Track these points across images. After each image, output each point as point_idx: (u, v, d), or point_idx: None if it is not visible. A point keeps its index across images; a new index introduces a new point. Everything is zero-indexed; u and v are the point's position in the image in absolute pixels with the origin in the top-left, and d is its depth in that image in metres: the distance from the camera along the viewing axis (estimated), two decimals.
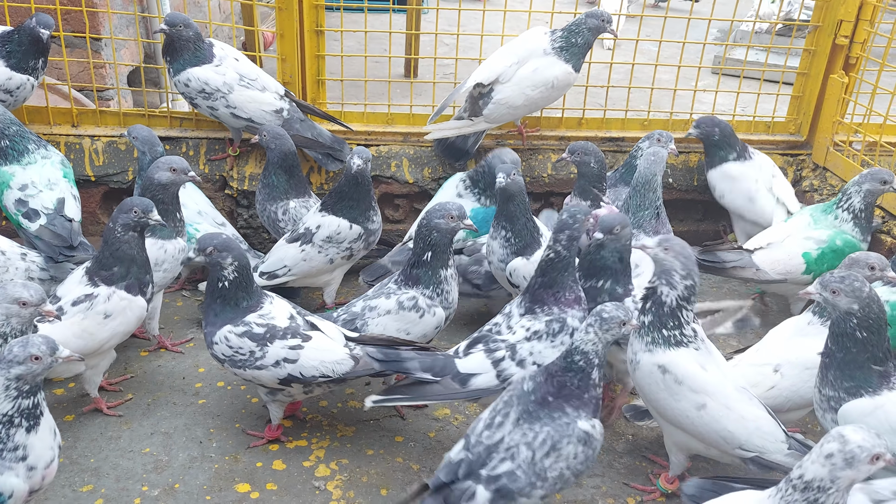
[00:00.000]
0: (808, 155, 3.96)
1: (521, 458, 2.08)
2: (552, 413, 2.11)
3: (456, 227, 2.65)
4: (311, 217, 3.19)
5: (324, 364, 2.42)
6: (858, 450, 1.64)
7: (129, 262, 2.56)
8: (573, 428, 2.10)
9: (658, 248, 2.31)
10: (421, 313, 2.68)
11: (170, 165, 2.79)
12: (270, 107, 3.47)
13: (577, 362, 2.11)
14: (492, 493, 2.06)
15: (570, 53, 3.47)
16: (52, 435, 2.02)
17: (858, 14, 3.61)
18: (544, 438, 2.08)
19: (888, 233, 3.42)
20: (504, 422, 2.13)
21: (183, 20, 3.30)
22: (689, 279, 2.27)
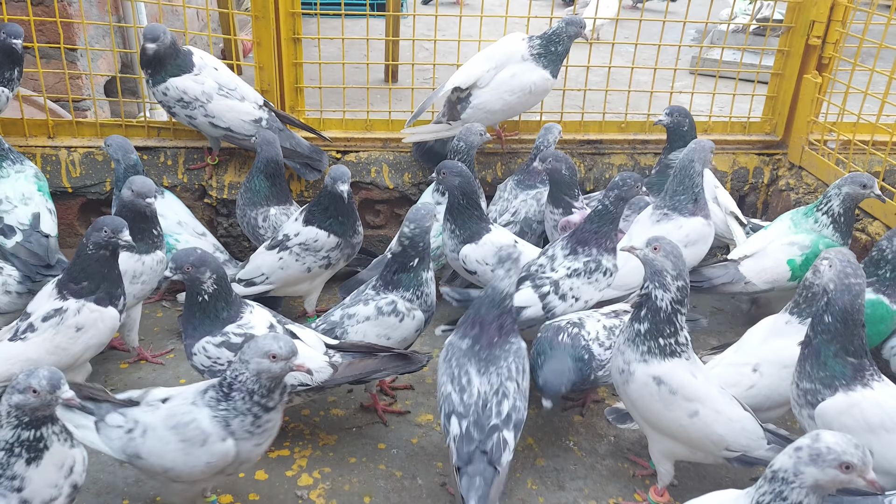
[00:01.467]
0: (783, 154, 4.00)
1: (511, 392, 2.28)
2: (503, 346, 2.35)
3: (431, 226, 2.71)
4: (290, 225, 3.18)
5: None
6: (826, 450, 1.63)
7: (100, 279, 2.55)
8: (521, 347, 2.39)
9: (647, 249, 2.28)
10: (400, 317, 2.68)
11: (130, 185, 2.78)
12: (249, 116, 3.46)
13: (507, 304, 2.36)
14: (513, 430, 2.25)
15: (548, 60, 3.50)
16: (59, 472, 1.92)
17: (830, 15, 3.65)
18: (516, 366, 2.33)
19: (863, 230, 3.46)
20: (470, 380, 2.30)
21: (162, 31, 3.27)
22: (680, 279, 2.24)
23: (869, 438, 2.19)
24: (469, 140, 3.42)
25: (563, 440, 2.81)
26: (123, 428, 2.13)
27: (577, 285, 2.88)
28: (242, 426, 2.06)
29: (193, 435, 2.06)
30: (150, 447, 2.10)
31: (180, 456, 2.08)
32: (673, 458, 2.42)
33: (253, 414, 2.05)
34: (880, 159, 3.49)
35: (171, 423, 2.08)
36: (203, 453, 2.06)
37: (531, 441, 2.80)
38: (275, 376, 2.03)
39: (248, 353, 2.02)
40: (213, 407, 2.06)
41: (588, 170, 3.94)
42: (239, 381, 2.03)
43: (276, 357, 2.00)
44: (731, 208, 3.56)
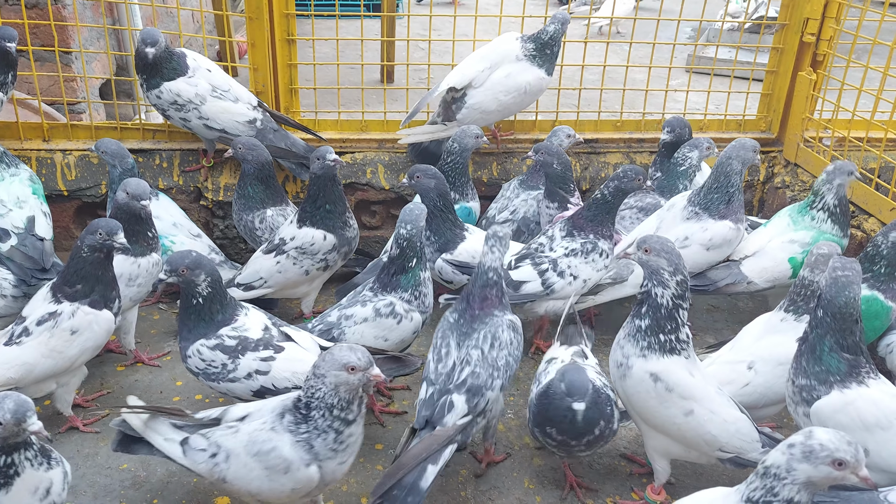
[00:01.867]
0: (779, 152, 4.00)
1: (474, 359, 2.41)
2: (483, 318, 2.48)
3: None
4: (286, 228, 3.18)
5: (295, 375, 2.42)
6: (819, 447, 1.63)
7: (94, 282, 2.55)
8: (503, 320, 2.49)
9: (639, 252, 2.30)
10: (398, 319, 2.68)
11: (125, 188, 2.78)
12: (243, 117, 3.46)
13: (491, 278, 2.49)
14: (465, 395, 2.35)
15: (544, 59, 3.50)
16: (33, 497, 1.90)
17: (824, 12, 3.66)
18: (485, 334, 2.45)
19: (858, 227, 3.46)
20: (449, 351, 2.46)
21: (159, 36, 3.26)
22: (678, 274, 2.24)
23: (864, 437, 2.19)
24: (464, 142, 3.42)
25: None
26: (207, 452, 2.12)
27: (574, 264, 3.01)
28: (325, 445, 2.01)
29: (276, 463, 2.02)
30: (234, 473, 2.08)
31: (265, 482, 2.06)
32: (668, 456, 2.42)
33: (335, 430, 2.01)
34: (875, 156, 3.50)
35: (253, 450, 2.05)
36: (287, 480, 2.04)
37: (528, 440, 2.80)
38: (353, 388, 1.97)
39: (323, 367, 1.96)
40: (294, 431, 2.02)
41: (584, 169, 3.94)
42: (316, 397, 1.98)
43: (353, 369, 1.95)
44: None
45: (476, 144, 3.46)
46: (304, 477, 2.03)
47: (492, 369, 2.40)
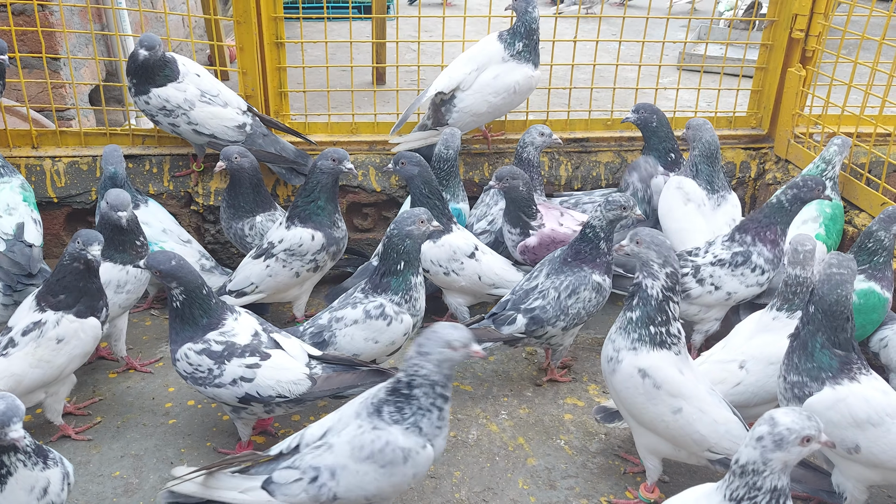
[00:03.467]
0: (770, 148, 4.00)
1: (549, 297, 2.85)
2: (573, 269, 2.87)
3: (426, 231, 2.66)
4: (274, 232, 3.17)
5: (280, 384, 2.40)
6: (787, 432, 1.67)
7: (77, 293, 2.53)
8: (590, 278, 2.86)
9: (631, 244, 2.33)
10: (388, 321, 2.67)
11: (105, 198, 2.76)
12: (233, 122, 3.45)
13: (588, 234, 2.85)
14: (527, 319, 2.85)
15: (528, 53, 3.49)
16: (30, 495, 1.91)
17: (813, 8, 3.65)
18: (567, 284, 2.85)
19: (849, 222, 3.46)
20: (538, 275, 2.93)
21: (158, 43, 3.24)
22: (668, 266, 2.26)
23: (856, 433, 2.19)
24: (456, 144, 3.42)
25: (553, 439, 2.81)
26: (304, 480, 2.06)
27: (719, 274, 2.99)
28: (431, 424, 2.05)
29: (394, 456, 2.03)
30: (346, 485, 2.05)
31: (385, 480, 2.06)
32: (658, 454, 2.42)
33: (437, 407, 2.05)
34: (865, 151, 3.50)
35: (363, 454, 2.03)
36: (409, 468, 2.05)
37: (522, 441, 2.80)
38: (455, 364, 2.04)
39: (427, 346, 2.00)
40: (399, 420, 2.04)
41: (575, 168, 3.94)
42: (420, 375, 2.01)
43: (455, 347, 2.00)
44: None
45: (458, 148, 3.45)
46: (423, 460, 2.06)
47: (560, 313, 2.85)
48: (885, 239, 2.79)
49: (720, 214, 3.32)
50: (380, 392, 2.10)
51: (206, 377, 2.42)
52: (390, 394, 2.06)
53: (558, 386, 3.12)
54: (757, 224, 2.96)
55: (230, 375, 2.40)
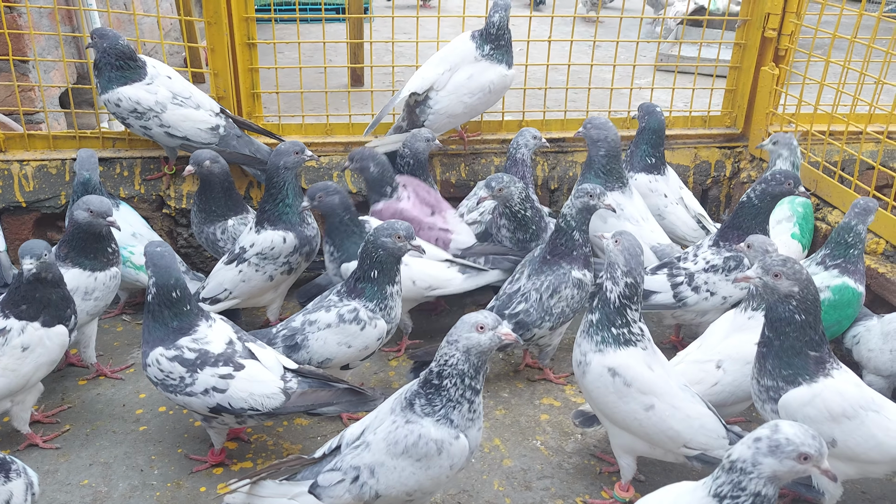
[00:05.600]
0: (744, 147, 4.02)
1: (532, 299, 2.86)
2: (552, 267, 2.86)
3: (403, 248, 2.60)
4: (245, 236, 3.13)
5: (252, 397, 2.36)
6: (785, 441, 1.63)
7: (37, 303, 2.48)
8: (568, 276, 2.85)
9: (611, 240, 2.33)
10: (362, 325, 2.63)
11: (87, 206, 2.70)
12: (206, 124, 3.41)
13: (561, 225, 2.84)
14: (513, 325, 2.83)
15: (500, 53, 3.47)
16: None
17: (785, 7, 3.67)
18: (548, 285, 2.86)
19: (823, 219, 3.49)
20: (520, 278, 2.94)
21: (112, 34, 3.23)
22: (629, 277, 2.26)
23: (832, 427, 2.19)
24: (414, 147, 3.39)
25: (530, 440, 2.80)
26: (346, 480, 2.07)
27: (713, 280, 2.96)
28: (462, 416, 2.05)
29: (427, 450, 2.03)
30: (386, 481, 2.05)
31: (423, 473, 2.05)
32: (633, 453, 2.41)
33: (467, 399, 2.04)
34: (838, 149, 3.52)
35: (398, 450, 2.04)
36: (444, 460, 2.05)
37: (498, 442, 2.78)
38: (483, 350, 2.02)
39: (455, 333, 2.02)
40: (430, 413, 2.04)
41: (551, 168, 3.93)
42: (449, 364, 2.01)
43: (483, 327, 2.00)
44: (699, 211, 3.57)
45: (427, 148, 3.40)
46: (457, 451, 2.06)
47: (544, 314, 2.86)
48: (863, 232, 2.81)
49: (637, 202, 3.37)
50: (413, 385, 2.11)
51: (178, 385, 2.37)
52: (422, 386, 2.08)
53: (535, 386, 3.11)
54: (738, 230, 2.92)
55: (202, 385, 2.36)
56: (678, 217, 3.52)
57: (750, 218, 2.91)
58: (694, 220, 3.54)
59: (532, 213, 3.21)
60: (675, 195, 3.56)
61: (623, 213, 3.26)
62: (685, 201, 3.57)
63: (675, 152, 3.96)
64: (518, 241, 3.23)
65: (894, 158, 3.45)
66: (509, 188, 3.12)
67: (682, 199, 3.57)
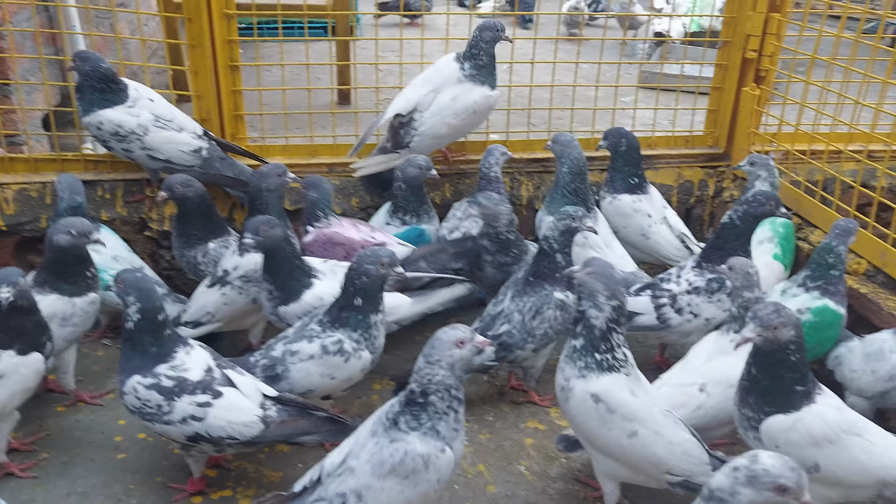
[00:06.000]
0: (727, 166, 4.04)
1: (515, 321, 2.85)
2: (534, 289, 2.87)
3: (386, 275, 2.58)
4: (228, 259, 3.10)
5: (231, 425, 2.33)
6: (763, 472, 1.61)
7: (13, 332, 2.44)
8: (552, 297, 2.86)
9: (582, 273, 2.32)
10: (346, 357, 2.59)
11: (68, 228, 2.67)
12: (189, 147, 3.40)
13: (544, 248, 2.85)
14: (496, 346, 2.78)
15: (483, 74, 3.48)
16: None
17: (765, 28, 3.71)
18: (531, 306, 2.86)
19: (805, 239, 3.50)
20: (504, 299, 2.93)
21: (94, 56, 3.22)
22: (614, 300, 2.26)
23: (814, 452, 2.19)
24: (407, 173, 3.38)
25: (514, 465, 2.78)
26: None
27: (696, 302, 2.98)
28: (448, 427, 2.06)
29: (415, 465, 2.02)
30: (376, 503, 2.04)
31: (410, 491, 2.05)
32: (616, 479, 2.39)
33: (453, 410, 2.06)
34: (819, 168, 3.54)
35: (385, 470, 2.02)
36: (432, 474, 2.05)
37: (482, 468, 2.76)
38: (466, 362, 2.07)
39: (435, 353, 2.04)
40: (417, 427, 2.04)
41: (536, 188, 3.94)
42: (434, 382, 2.03)
43: (463, 342, 2.04)
44: (682, 230, 3.58)
45: (421, 175, 3.38)
46: (444, 464, 2.06)
47: (527, 335, 2.86)
48: (843, 252, 2.82)
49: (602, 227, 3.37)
50: (393, 406, 2.10)
51: (155, 413, 2.34)
52: (405, 405, 2.07)
53: (520, 409, 3.09)
54: (720, 252, 2.91)
55: (180, 413, 2.32)
56: (662, 237, 3.53)
57: (732, 239, 2.92)
58: (678, 240, 3.55)
59: (515, 238, 3.21)
60: (659, 215, 3.56)
61: (587, 242, 3.26)
62: (669, 221, 3.58)
63: (659, 172, 3.98)
64: (499, 264, 3.22)
65: (875, 178, 3.47)
66: (498, 208, 3.12)
67: (666, 218, 3.58)
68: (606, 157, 3.85)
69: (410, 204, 3.44)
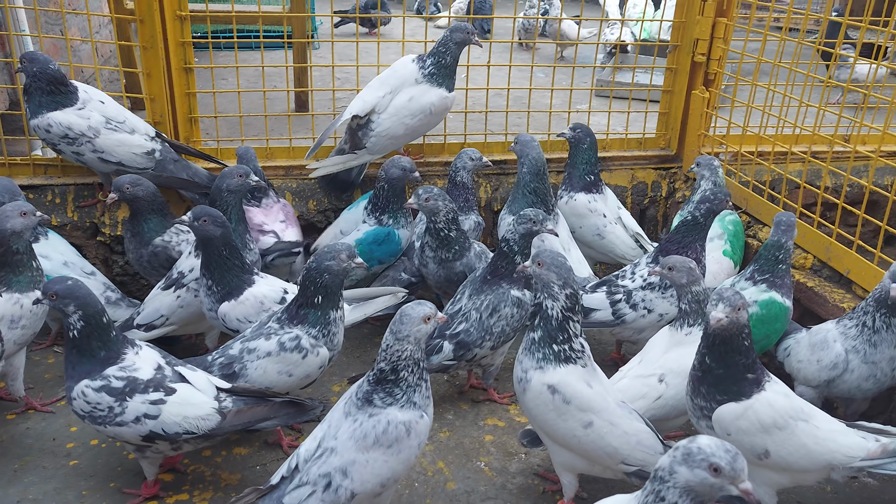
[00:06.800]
0: (679, 168, 4.13)
1: (472, 319, 2.87)
2: (492, 287, 2.89)
3: (348, 268, 2.58)
4: (183, 260, 3.07)
5: (187, 420, 2.31)
6: (697, 450, 1.62)
7: None
8: (509, 295, 2.87)
9: (533, 266, 2.36)
10: (304, 353, 2.58)
11: (19, 210, 2.63)
12: (141, 149, 3.35)
13: (504, 249, 2.87)
14: (454, 345, 2.87)
15: (442, 76, 3.52)
16: None
17: (712, 33, 3.82)
18: (487, 304, 2.87)
19: (754, 236, 3.60)
20: (461, 298, 2.95)
21: (42, 58, 3.16)
22: (567, 287, 2.29)
23: (764, 438, 2.25)
24: (390, 173, 3.36)
25: (474, 461, 2.79)
26: (318, 490, 2.06)
27: (650, 297, 3.04)
28: (421, 396, 2.14)
29: (398, 433, 2.09)
30: (361, 478, 2.07)
31: (394, 459, 2.10)
32: (574, 470, 2.42)
33: (424, 380, 2.15)
34: (766, 168, 3.65)
35: (369, 442, 2.07)
36: (413, 440, 2.12)
37: (441, 465, 2.76)
38: (428, 335, 2.14)
39: (404, 330, 2.09)
40: (393, 402, 2.10)
41: (494, 190, 3.98)
42: (403, 358, 2.09)
43: (429, 318, 2.11)
44: (637, 230, 3.65)
45: (403, 176, 3.36)
46: (423, 428, 2.15)
47: (485, 333, 2.87)
48: (790, 247, 2.91)
49: (562, 230, 3.41)
50: (363, 385, 2.14)
51: (107, 416, 2.29)
52: (376, 384, 2.12)
53: (479, 407, 3.11)
54: (678, 245, 3.00)
55: (133, 413, 2.28)
56: (617, 237, 3.59)
57: (694, 234, 3.01)
58: (632, 240, 3.61)
59: (456, 235, 3.22)
60: (614, 215, 3.63)
61: (543, 245, 3.31)
62: (623, 221, 3.65)
63: (613, 173, 4.05)
64: (441, 259, 3.24)
65: (820, 177, 3.58)
66: (436, 202, 3.14)
67: (621, 218, 3.65)
68: (562, 160, 3.92)
69: (390, 205, 3.41)
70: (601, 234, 3.57)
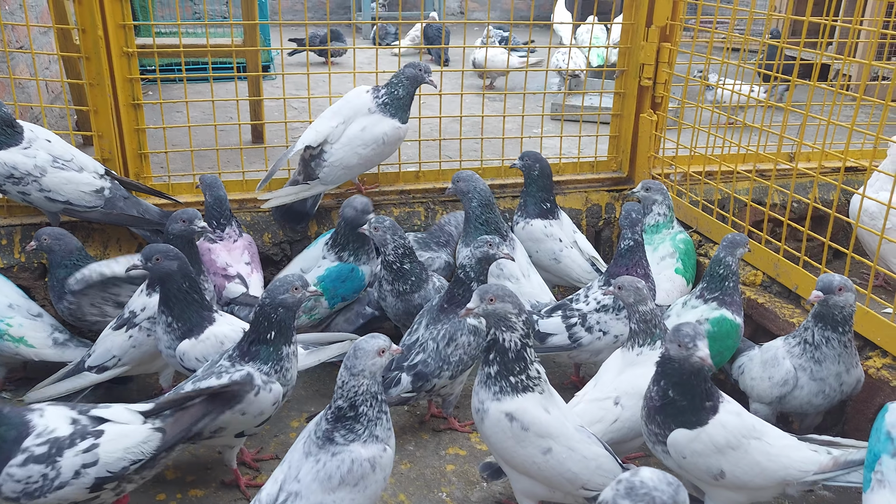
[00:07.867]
0: (631, 190, 4.19)
1: (429, 350, 2.86)
2: (448, 316, 2.87)
3: (302, 298, 2.55)
4: (136, 299, 3.01)
5: (129, 451, 2.24)
6: (639, 484, 1.62)
7: None
8: (463, 323, 2.85)
9: (483, 304, 2.28)
10: (256, 391, 2.53)
11: None
12: (90, 187, 3.29)
13: (461, 276, 2.85)
14: (412, 377, 2.84)
15: (395, 107, 3.54)
16: None
17: (657, 57, 3.91)
18: (444, 333, 2.86)
19: (705, 255, 3.66)
20: (418, 328, 2.93)
21: None
22: (522, 314, 2.28)
23: (719, 459, 2.27)
24: (345, 213, 3.35)
25: (435, 492, 2.76)
26: None
27: (604, 319, 3.08)
28: (383, 429, 2.14)
29: (363, 470, 2.08)
30: None
31: (361, 496, 2.09)
32: (535, 497, 2.41)
33: (384, 412, 2.15)
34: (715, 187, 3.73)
35: (335, 483, 2.05)
36: (378, 475, 2.12)
37: (403, 497, 2.73)
38: (383, 368, 2.15)
39: (358, 364, 2.09)
40: (356, 438, 2.10)
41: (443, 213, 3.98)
42: (360, 393, 2.09)
43: (384, 351, 2.12)
44: (592, 253, 3.69)
45: (357, 217, 3.33)
46: (387, 461, 2.16)
47: (442, 363, 2.85)
48: (733, 264, 2.96)
49: (519, 255, 3.45)
50: (321, 424, 2.13)
51: (42, 485, 2.16)
52: (336, 421, 2.10)
53: (440, 436, 3.09)
54: (625, 267, 3.05)
55: (70, 469, 2.17)
56: (573, 260, 3.63)
57: (637, 256, 3.07)
58: (588, 263, 3.65)
59: (411, 268, 3.22)
60: (570, 239, 3.67)
61: (503, 273, 3.32)
62: (579, 244, 3.69)
63: (567, 196, 4.10)
64: (399, 292, 3.23)
65: (766, 195, 3.68)
66: (384, 234, 3.15)
67: (577, 242, 3.69)
68: (517, 185, 3.96)
69: (350, 243, 3.41)
70: (557, 259, 3.60)
